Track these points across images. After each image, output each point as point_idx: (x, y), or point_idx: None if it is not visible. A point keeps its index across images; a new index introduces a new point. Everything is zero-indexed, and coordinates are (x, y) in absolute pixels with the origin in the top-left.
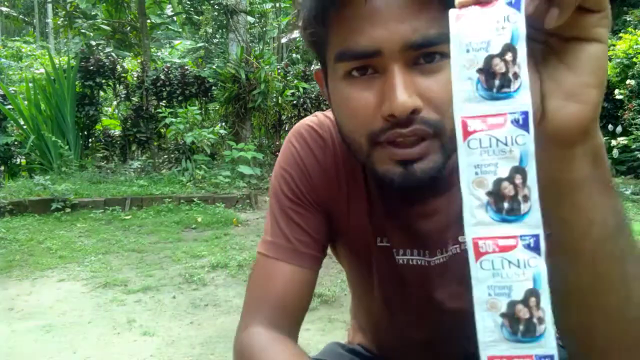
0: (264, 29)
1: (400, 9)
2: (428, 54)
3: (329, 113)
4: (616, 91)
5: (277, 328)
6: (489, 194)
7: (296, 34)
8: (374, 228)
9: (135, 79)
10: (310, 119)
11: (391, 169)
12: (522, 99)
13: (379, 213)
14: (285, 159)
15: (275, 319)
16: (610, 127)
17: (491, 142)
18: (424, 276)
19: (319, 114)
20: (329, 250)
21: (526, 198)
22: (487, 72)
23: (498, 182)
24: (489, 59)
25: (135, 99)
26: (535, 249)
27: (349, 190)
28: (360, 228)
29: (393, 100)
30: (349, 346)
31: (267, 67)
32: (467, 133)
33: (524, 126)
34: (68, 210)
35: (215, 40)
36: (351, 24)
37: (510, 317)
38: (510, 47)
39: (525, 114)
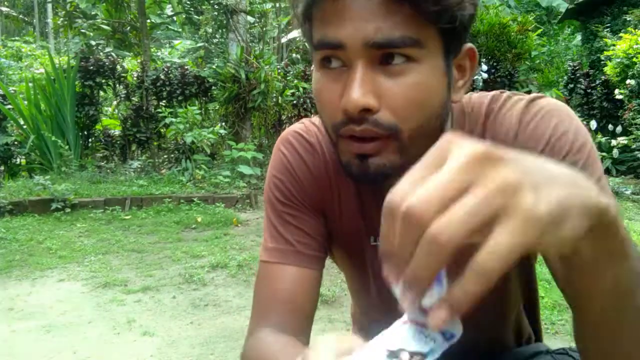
0: (264, 29)
1: (368, 10)
2: (391, 55)
3: (314, 119)
4: (616, 91)
5: (285, 330)
6: None
7: (296, 33)
8: (366, 227)
9: (135, 78)
10: (297, 126)
11: (350, 160)
12: None
13: (371, 212)
14: (275, 166)
15: (284, 321)
16: (610, 127)
17: None
18: None
19: (305, 120)
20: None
21: None
22: None
23: None
24: None
25: (135, 99)
26: None
27: (340, 192)
28: (353, 228)
29: (346, 96)
30: None
31: (267, 67)
32: None
33: None
34: (68, 210)
35: (215, 40)
36: (326, 17)
37: None
38: None
39: None
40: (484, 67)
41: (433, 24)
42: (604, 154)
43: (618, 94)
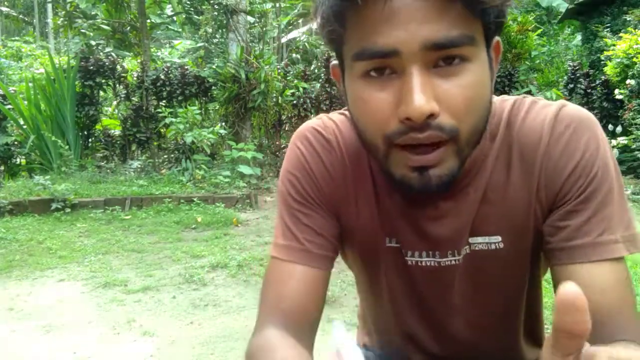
0: (264, 29)
1: (420, 11)
2: (448, 56)
3: (332, 115)
4: (616, 91)
5: (290, 329)
6: None
7: (296, 33)
8: (383, 229)
9: (135, 78)
10: (315, 122)
11: (407, 174)
12: None
13: (388, 214)
14: (291, 162)
15: (290, 320)
16: (610, 127)
17: None
18: (435, 277)
19: (322, 116)
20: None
21: None
22: None
23: None
24: None
25: (135, 99)
26: None
27: (357, 192)
28: (369, 228)
29: (410, 104)
30: (365, 353)
31: (267, 67)
32: None
33: None
34: (68, 210)
35: (215, 40)
36: (370, 23)
37: None
38: None
39: None
40: None
41: (481, 19)
42: None
43: (618, 94)
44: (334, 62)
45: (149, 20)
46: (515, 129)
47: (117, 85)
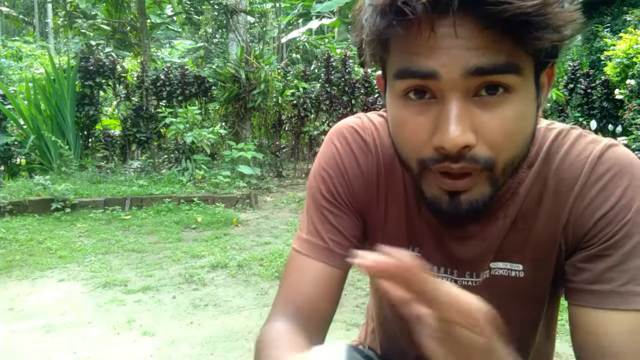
0: (264, 29)
1: (466, 37)
2: (489, 86)
3: (372, 116)
4: (616, 91)
5: (302, 323)
6: None
7: (296, 33)
8: (408, 236)
9: (135, 78)
10: (354, 121)
11: (439, 196)
12: None
13: (414, 224)
14: (326, 159)
15: (301, 314)
16: (610, 127)
17: None
18: None
19: (362, 115)
20: None
21: None
22: None
23: None
24: None
25: (135, 99)
26: None
27: (388, 197)
28: (396, 234)
29: (445, 133)
30: (366, 352)
31: (267, 67)
32: None
33: None
34: (68, 210)
35: (215, 40)
36: (413, 45)
37: None
38: None
39: None
40: None
41: (532, 55)
42: None
43: (618, 94)
44: (379, 72)
45: (149, 20)
46: (555, 161)
47: (117, 85)
